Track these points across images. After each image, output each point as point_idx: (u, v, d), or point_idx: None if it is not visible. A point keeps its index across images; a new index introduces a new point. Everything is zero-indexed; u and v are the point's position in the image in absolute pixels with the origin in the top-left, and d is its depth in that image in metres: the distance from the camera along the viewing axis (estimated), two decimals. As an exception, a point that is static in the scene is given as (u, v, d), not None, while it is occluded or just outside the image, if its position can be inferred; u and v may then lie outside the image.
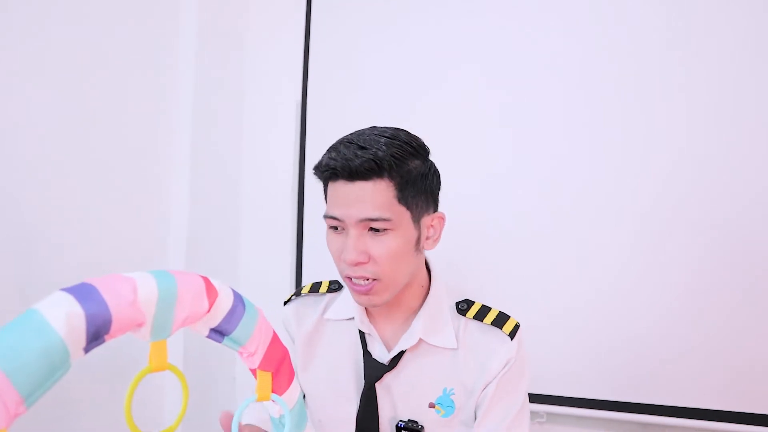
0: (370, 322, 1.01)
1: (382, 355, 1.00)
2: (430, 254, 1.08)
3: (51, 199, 1.56)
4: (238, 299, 0.46)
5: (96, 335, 0.36)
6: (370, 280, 0.91)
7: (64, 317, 0.34)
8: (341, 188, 0.92)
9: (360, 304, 0.96)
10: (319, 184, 1.10)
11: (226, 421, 0.71)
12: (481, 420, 0.97)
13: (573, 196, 1.71)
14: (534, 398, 1.73)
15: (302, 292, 1.10)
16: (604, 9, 1.72)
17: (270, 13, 2.28)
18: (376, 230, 0.90)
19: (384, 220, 0.89)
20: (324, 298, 1.07)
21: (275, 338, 0.50)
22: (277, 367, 0.49)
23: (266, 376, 0.48)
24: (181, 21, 2.02)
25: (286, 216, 2.13)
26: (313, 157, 2.04)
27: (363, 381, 0.99)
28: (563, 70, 1.74)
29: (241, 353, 0.48)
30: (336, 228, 0.93)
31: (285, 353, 0.51)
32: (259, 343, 0.47)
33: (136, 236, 1.80)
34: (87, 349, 0.36)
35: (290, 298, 1.10)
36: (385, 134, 0.95)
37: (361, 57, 2.04)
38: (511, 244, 1.77)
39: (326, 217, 0.94)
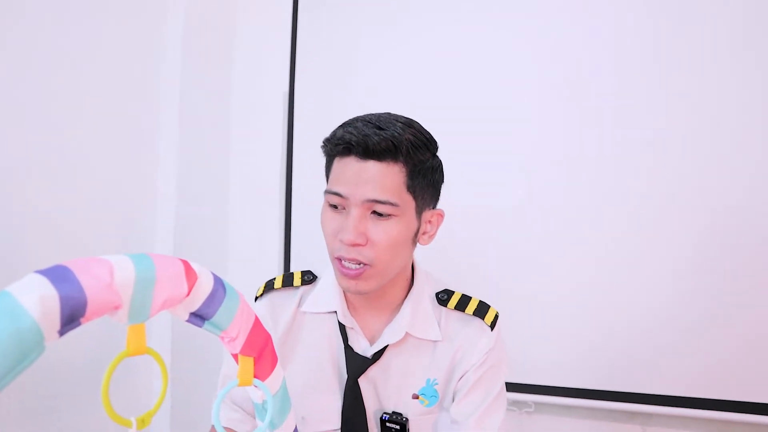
0: (352, 315, 1.00)
1: (364, 349, 0.99)
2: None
3: (39, 192, 1.55)
4: (219, 283, 0.45)
5: (71, 318, 0.35)
6: (361, 265, 0.89)
7: (38, 299, 0.33)
8: (351, 165, 0.90)
9: (345, 288, 0.94)
10: (308, 173, 1.09)
11: None
12: (458, 404, 0.98)
13: (562, 188, 1.72)
14: (522, 388, 1.74)
15: (274, 285, 1.06)
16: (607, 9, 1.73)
17: (257, 3, 2.26)
18: (379, 215, 0.88)
19: (391, 204, 0.88)
20: (298, 291, 1.04)
21: (257, 323, 0.49)
22: (260, 352, 0.49)
23: (248, 362, 0.48)
24: (169, 11, 2.00)
25: (274, 204, 2.12)
26: (301, 147, 2.04)
27: (345, 375, 0.98)
28: (552, 69, 1.75)
29: (222, 338, 0.47)
30: (336, 206, 0.91)
31: (267, 338, 0.50)
32: (241, 327, 0.47)
33: (124, 226, 1.79)
34: (62, 332, 0.36)
35: (261, 294, 1.05)
36: (401, 120, 0.93)
37: (349, 48, 2.04)
38: (501, 236, 1.78)
39: (328, 192, 0.91)
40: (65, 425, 1.51)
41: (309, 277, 1.04)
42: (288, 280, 1.04)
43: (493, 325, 0.99)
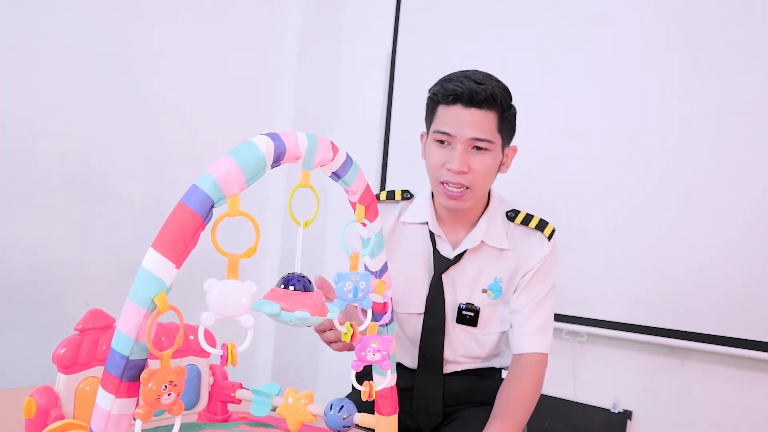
0: (440, 226, 1.31)
1: (448, 253, 1.30)
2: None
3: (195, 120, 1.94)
4: (349, 157, 0.76)
5: (278, 158, 0.67)
6: (463, 188, 1.20)
7: (265, 144, 0.65)
8: (457, 111, 1.17)
9: (447, 207, 1.25)
10: (403, 122, 1.41)
11: (320, 280, 1.01)
12: (516, 297, 1.27)
13: (628, 135, 1.92)
14: (576, 320, 1.99)
15: (379, 198, 1.38)
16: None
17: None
18: (479, 149, 1.19)
19: (488, 141, 1.18)
20: (398, 206, 1.37)
21: (368, 187, 0.80)
22: (369, 203, 0.80)
23: (362, 208, 0.79)
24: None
25: (374, 144, 2.46)
26: (401, 101, 2.35)
27: (432, 272, 1.30)
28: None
29: (347, 191, 0.78)
30: (442, 142, 1.20)
31: (374, 198, 0.81)
32: (359, 186, 0.78)
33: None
34: (272, 166, 0.68)
35: None
36: (493, 77, 1.21)
37: (446, 19, 2.30)
38: (563, 182, 2.01)
39: (437, 132, 1.20)
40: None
41: (407, 195, 1.36)
42: (390, 195, 1.36)
43: (550, 237, 1.28)
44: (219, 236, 0.61)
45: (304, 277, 0.70)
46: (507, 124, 1.21)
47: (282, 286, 0.69)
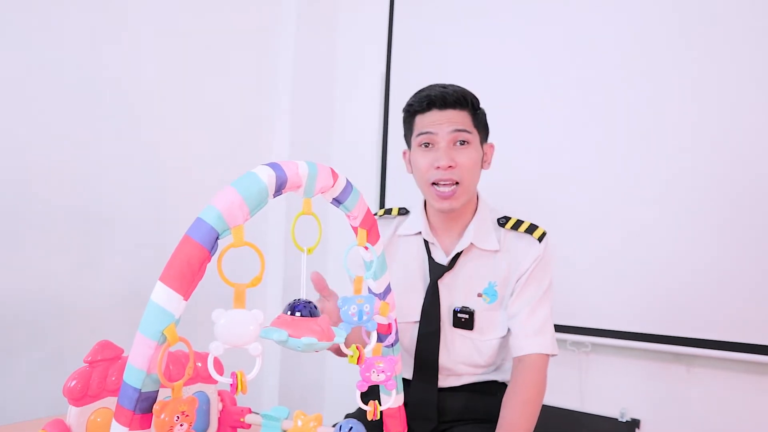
0: (433, 234, 1.35)
1: (442, 259, 1.33)
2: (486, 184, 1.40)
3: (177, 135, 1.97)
4: (349, 183, 0.78)
5: (279, 188, 0.69)
6: (453, 185, 1.25)
7: (266, 175, 0.67)
8: (434, 115, 1.28)
9: (441, 208, 1.30)
10: (400, 141, 1.45)
11: (316, 276, 1.05)
12: (513, 301, 1.29)
13: (625, 142, 1.94)
14: (580, 331, 2.00)
15: (377, 214, 1.44)
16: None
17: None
18: (462, 142, 1.25)
19: (467, 132, 1.27)
20: (395, 220, 1.43)
21: (369, 211, 0.82)
22: (370, 227, 0.81)
23: (363, 232, 0.80)
24: (284, 3, 2.41)
25: (372, 157, 2.48)
26: (396, 121, 2.38)
27: (428, 279, 1.33)
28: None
29: (348, 216, 0.80)
30: (427, 145, 1.28)
31: (374, 222, 0.83)
32: (360, 210, 0.79)
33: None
34: (275, 195, 0.69)
35: None
36: (456, 85, 1.32)
37: (437, 38, 2.33)
38: (566, 190, 2.03)
39: (420, 134, 1.29)
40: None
41: (404, 211, 1.43)
42: (388, 212, 1.44)
43: (540, 239, 1.31)
44: (222, 265, 0.62)
45: (309, 302, 0.71)
46: (480, 122, 1.32)
47: (288, 312, 0.70)
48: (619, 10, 1.97)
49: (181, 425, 0.58)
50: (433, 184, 1.27)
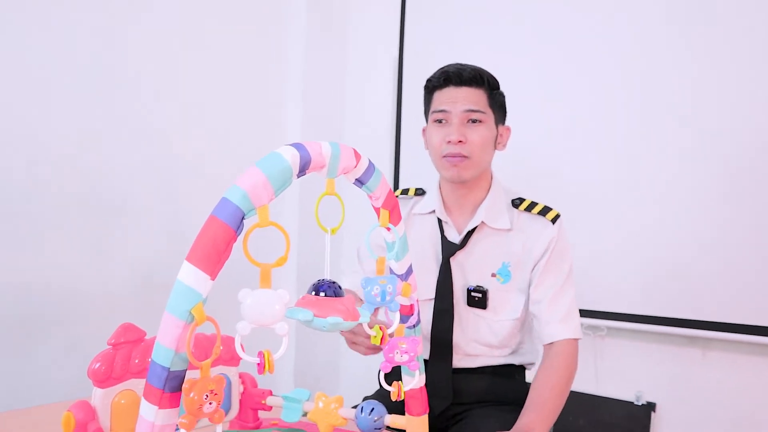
0: (446, 213, 1.37)
1: (454, 237, 1.34)
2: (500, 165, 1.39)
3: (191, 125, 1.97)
4: (371, 164, 0.78)
5: (303, 168, 0.68)
6: (463, 158, 1.25)
7: (290, 155, 0.66)
8: (450, 91, 1.29)
9: (449, 178, 1.32)
10: (412, 123, 1.44)
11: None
12: (535, 288, 1.29)
13: (640, 128, 1.92)
14: (596, 315, 2.00)
15: (395, 194, 1.45)
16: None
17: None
18: (473, 121, 1.26)
19: (481, 112, 1.27)
20: (411, 200, 1.44)
21: (391, 192, 0.81)
22: (392, 208, 0.81)
23: (386, 213, 0.80)
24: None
25: (386, 139, 2.47)
26: (409, 102, 2.36)
27: (441, 257, 1.34)
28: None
29: (370, 196, 0.79)
30: (440, 121, 1.28)
31: (396, 203, 0.82)
32: (382, 191, 0.79)
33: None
34: (298, 175, 0.69)
35: None
36: (475, 65, 1.33)
37: (450, 23, 2.31)
38: (582, 170, 2.02)
39: (435, 111, 1.32)
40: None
41: (420, 191, 1.45)
42: (405, 192, 1.45)
43: (554, 221, 1.31)
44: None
45: (334, 283, 0.71)
46: (496, 102, 1.32)
47: (313, 292, 0.70)
48: (619, 9, 1.96)
49: (210, 404, 0.58)
50: (443, 157, 1.30)
